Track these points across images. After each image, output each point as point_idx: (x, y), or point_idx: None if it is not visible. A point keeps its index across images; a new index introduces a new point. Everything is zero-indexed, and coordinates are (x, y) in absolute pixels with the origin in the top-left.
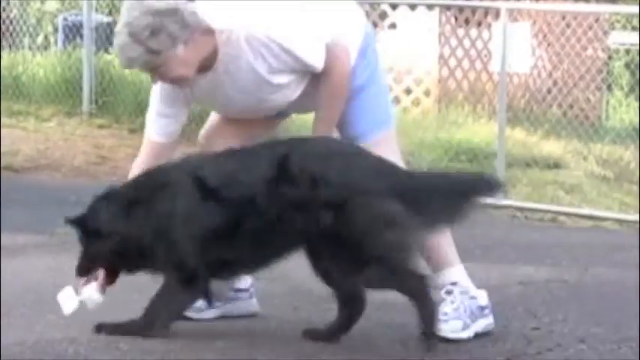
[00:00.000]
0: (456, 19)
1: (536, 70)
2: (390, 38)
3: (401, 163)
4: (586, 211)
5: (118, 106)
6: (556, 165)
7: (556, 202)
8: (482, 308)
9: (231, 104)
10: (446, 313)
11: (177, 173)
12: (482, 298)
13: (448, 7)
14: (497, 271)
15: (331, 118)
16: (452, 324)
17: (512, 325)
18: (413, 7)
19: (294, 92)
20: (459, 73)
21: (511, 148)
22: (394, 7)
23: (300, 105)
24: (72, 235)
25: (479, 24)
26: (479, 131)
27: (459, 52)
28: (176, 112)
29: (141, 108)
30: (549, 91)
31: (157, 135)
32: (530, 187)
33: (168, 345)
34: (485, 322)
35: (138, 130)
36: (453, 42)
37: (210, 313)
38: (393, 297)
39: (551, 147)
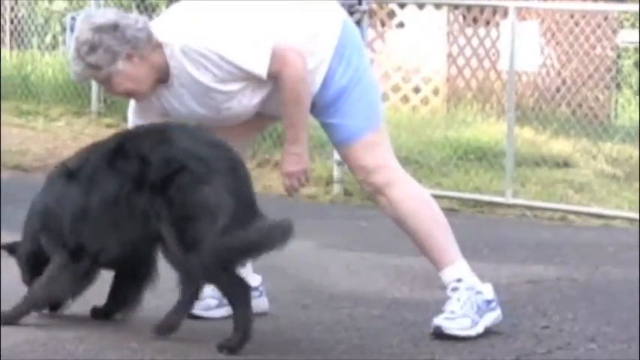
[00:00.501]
0: (464, 17)
1: (544, 69)
2: (398, 37)
3: (394, 163)
4: (595, 209)
5: (127, 106)
6: (565, 164)
7: (565, 201)
8: (488, 302)
9: (194, 115)
10: (453, 312)
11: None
12: (488, 292)
13: (456, 6)
14: (506, 270)
15: (295, 124)
16: (460, 322)
17: (521, 323)
18: (421, 5)
19: (253, 98)
20: (467, 72)
21: (520, 146)
22: (402, 5)
23: (275, 109)
24: None
25: (487, 23)
26: (487, 130)
27: (468, 51)
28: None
29: None
30: (558, 90)
31: None
32: (540, 185)
33: (179, 344)
34: (493, 316)
35: None
36: (462, 41)
37: (220, 312)
38: (404, 296)
39: (561, 146)
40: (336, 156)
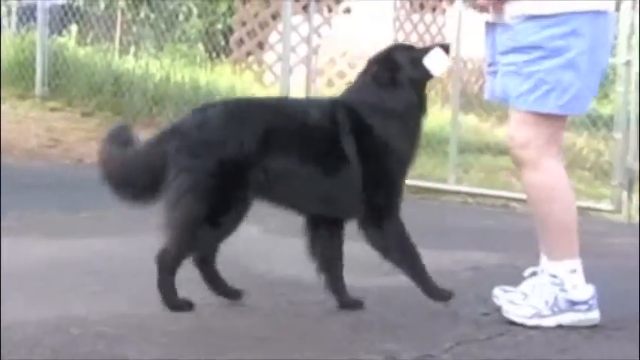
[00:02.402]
0: (411, 4)
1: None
2: (344, 23)
3: None
4: None
5: (71, 89)
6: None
7: (508, 188)
8: (573, 303)
9: None
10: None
11: None
12: (580, 293)
13: None
14: (448, 257)
15: None
16: (522, 309)
17: (462, 310)
18: None
19: None
20: None
21: (464, 133)
22: None
23: None
24: (22, 218)
25: (433, 9)
26: (432, 116)
27: (414, 37)
28: None
29: (94, 91)
30: None
31: None
32: (483, 173)
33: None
34: (577, 317)
35: (91, 113)
36: (408, 27)
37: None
38: (345, 282)
39: (504, 133)
40: None
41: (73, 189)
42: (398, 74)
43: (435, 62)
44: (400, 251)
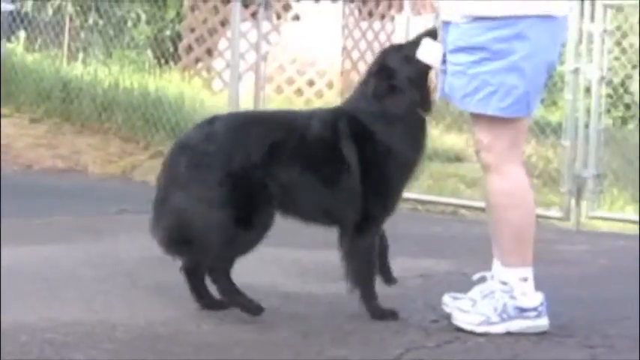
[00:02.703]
0: (360, 11)
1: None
2: (293, 30)
3: None
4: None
5: (20, 96)
6: (457, 158)
7: (457, 196)
8: (522, 310)
9: None
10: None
11: None
12: (529, 300)
13: (352, 0)
14: (398, 264)
15: None
16: (470, 317)
17: (412, 317)
18: None
19: None
20: (361, 66)
21: None
22: None
23: None
24: None
25: (382, 17)
26: None
27: (362, 45)
28: None
29: (42, 97)
30: None
31: None
32: (432, 180)
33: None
34: (525, 324)
35: (39, 119)
36: (357, 34)
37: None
38: (295, 290)
39: (453, 140)
40: None
41: (23, 195)
42: (396, 80)
43: (428, 53)
44: (361, 262)
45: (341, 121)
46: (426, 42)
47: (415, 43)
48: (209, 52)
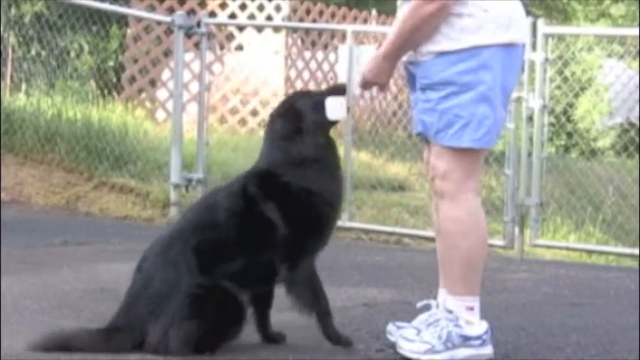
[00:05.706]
0: (303, 41)
1: (381, 93)
2: (236, 60)
3: None
4: (430, 233)
5: None
6: (401, 187)
7: (401, 224)
8: (467, 338)
9: None
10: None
11: None
12: (474, 328)
13: (295, 30)
14: (341, 293)
15: (392, 40)
16: (416, 345)
17: (356, 346)
18: (259, 29)
19: None
20: None
21: (356, 170)
22: (241, 29)
23: None
24: None
25: (325, 46)
26: None
27: (306, 75)
28: None
29: None
30: (394, 114)
31: None
32: (376, 209)
33: None
34: (468, 352)
35: None
36: (300, 64)
37: None
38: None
39: (396, 169)
40: (173, 179)
41: None
42: (302, 123)
43: (333, 109)
44: (310, 290)
45: (251, 186)
46: (331, 100)
47: (325, 92)
48: (152, 82)
